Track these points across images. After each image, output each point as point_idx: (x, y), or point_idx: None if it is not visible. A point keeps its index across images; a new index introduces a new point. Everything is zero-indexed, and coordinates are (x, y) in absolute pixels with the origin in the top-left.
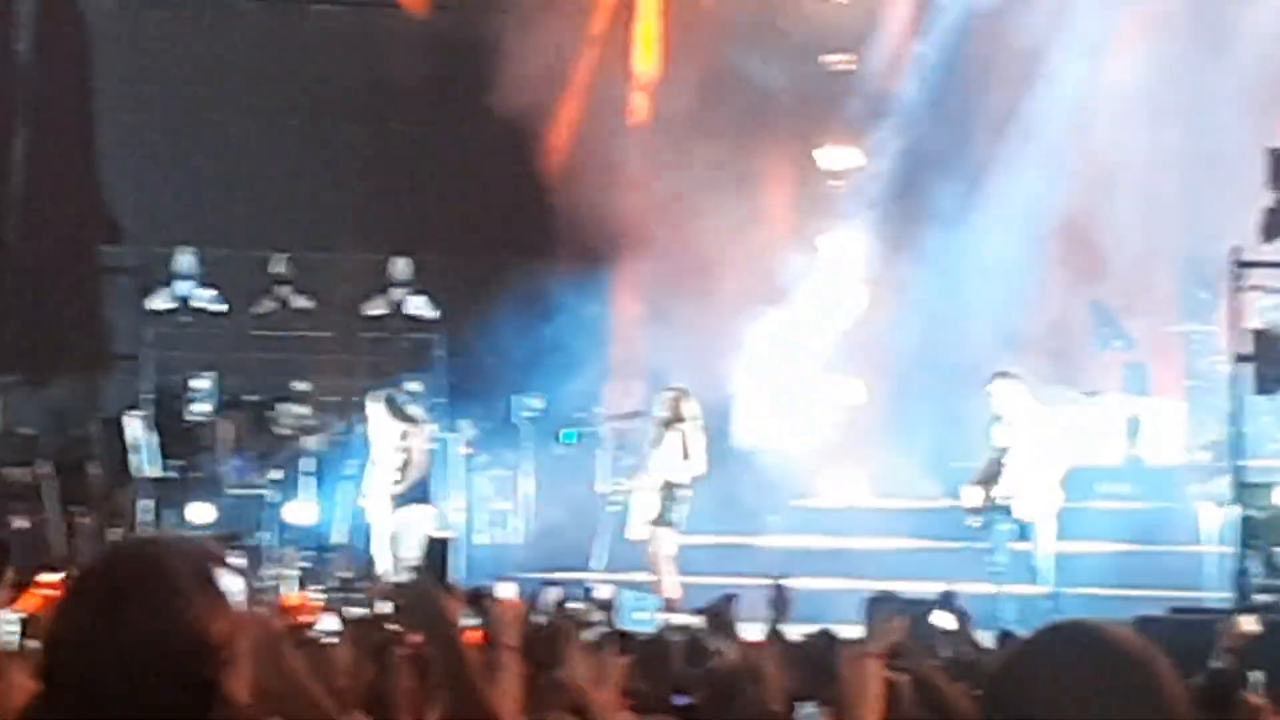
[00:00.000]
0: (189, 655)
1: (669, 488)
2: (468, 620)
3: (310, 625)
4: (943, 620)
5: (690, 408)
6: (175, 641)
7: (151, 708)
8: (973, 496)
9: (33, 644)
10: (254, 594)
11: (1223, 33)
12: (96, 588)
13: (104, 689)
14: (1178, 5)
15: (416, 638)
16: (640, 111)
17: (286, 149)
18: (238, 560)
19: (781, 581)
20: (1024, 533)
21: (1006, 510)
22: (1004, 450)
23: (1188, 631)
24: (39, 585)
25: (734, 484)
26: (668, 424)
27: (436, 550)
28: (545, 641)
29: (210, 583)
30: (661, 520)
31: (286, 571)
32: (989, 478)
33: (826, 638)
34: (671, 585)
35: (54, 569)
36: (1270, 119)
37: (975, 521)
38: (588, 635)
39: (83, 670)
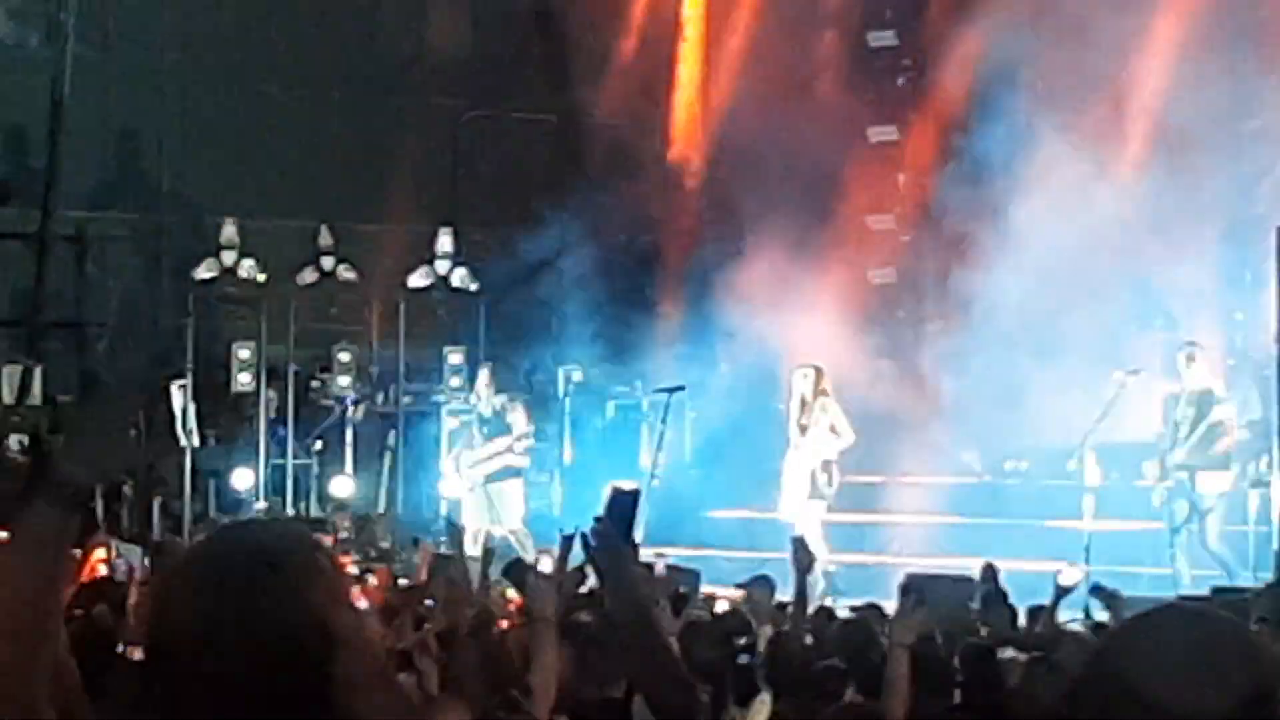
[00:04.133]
0: (310, 641)
1: (821, 464)
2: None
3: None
4: (1069, 578)
5: (828, 382)
6: (297, 628)
7: (271, 697)
8: (1153, 471)
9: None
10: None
11: (1265, 9)
12: (212, 569)
13: (218, 674)
14: None
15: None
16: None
17: (330, 120)
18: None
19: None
20: (1197, 511)
21: (1185, 486)
22: (1188, 423)
23: (1228, 610)
24: (86, 554)
25: (774, 458)
26: (806, 401)
27: (624, 502)
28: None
29: (323, 567)
30: (813, 495)
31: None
32: (1170, 451)
33: (875, 612)
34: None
35: (96, 537)
36: None
37: (1157, 498)
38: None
39: (196, 654)
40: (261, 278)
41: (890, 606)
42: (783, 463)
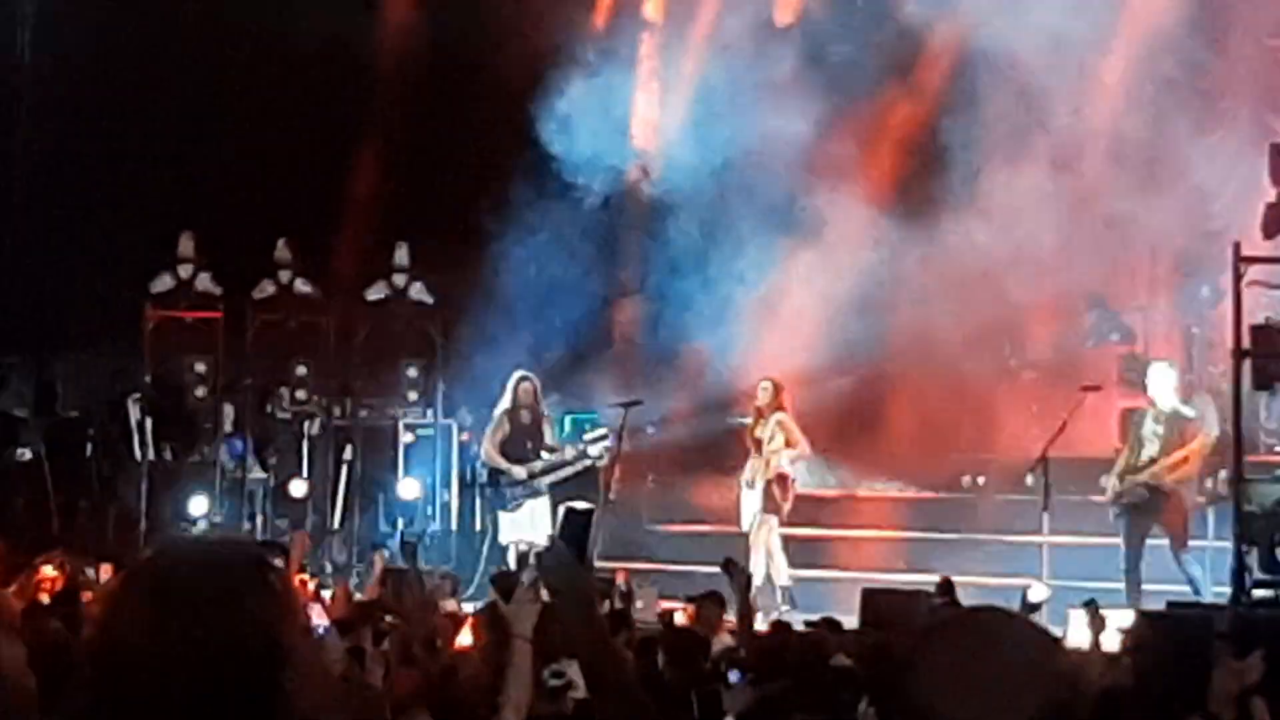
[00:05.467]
0: (256, 657)
1: (776, 477)
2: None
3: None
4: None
5: (786, 396)
6: (243, 643)
7: (218, 713)
8: (1112, 486)
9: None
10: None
11: (1222, 26)
12: (156, 586)
13: (165, 692)
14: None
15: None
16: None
17: (288, 132)
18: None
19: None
20: (1164, 527)
21: (1148, 502)
22: (1149, 440)
23: (1185, 626)
24: (38, 569)
25: (728, 473)
26: (761, 413)
27: (578, 523)
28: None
29: (271, 583)
30: (767, 509)
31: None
32: (1135, 467)
33: (832, 626)
34: (780, 571)
35: (51, 552)
36: (1272, 112)
37: (1113, 513)
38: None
39: (143, 672)
40: (218, 290)
41: (849, 622)
42: (740, 476)
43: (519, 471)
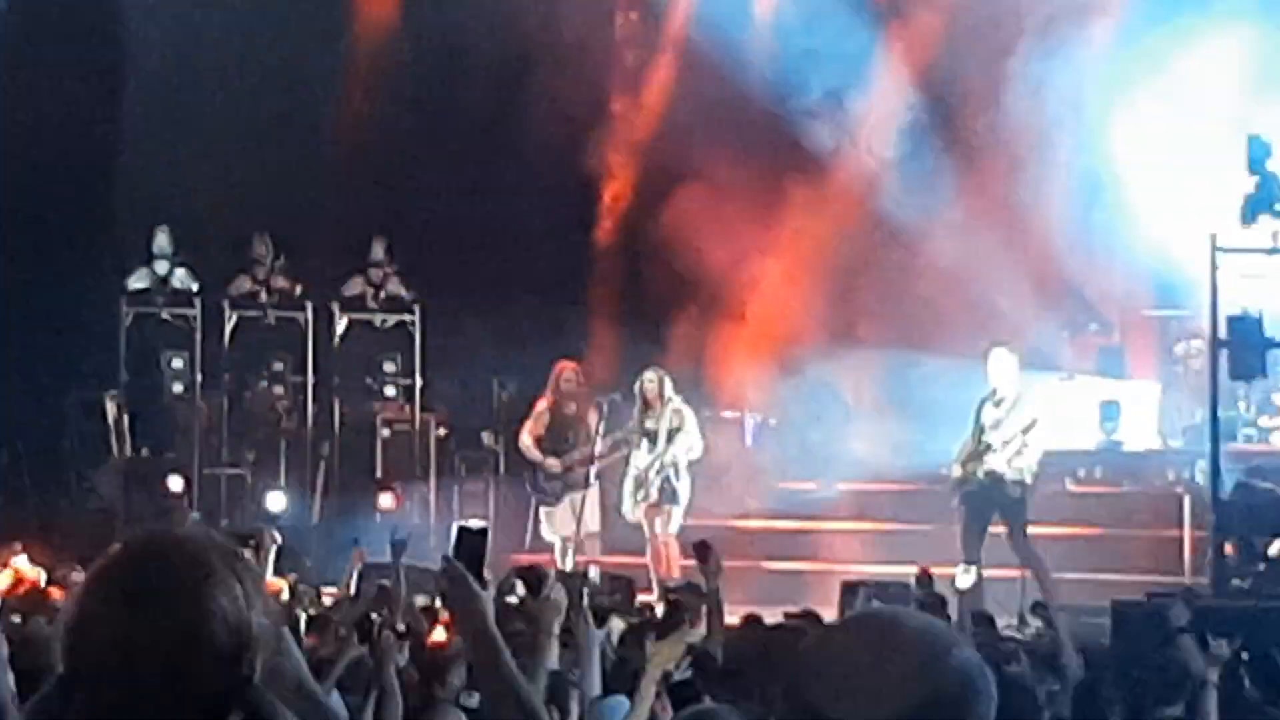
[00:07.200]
0: (227, 647)
1: (673, 468)
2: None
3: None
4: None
5: (670, 387)
6: (214, 634)
7: (186, 702)
8: (954, 474)
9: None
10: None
11: (1197, 14)
12: (127, 578)
13: (137, 682)
14: None
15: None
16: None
17: (264, 127)
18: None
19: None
20: (1004, 513)
21: (988, 488)
22: (995, 425)
23: (1163, 616)
24: (10, 564)
25: (715, 466)
26: (651, 406)
27: (473, 542)
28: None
29: (242, 574)
30: (668, 500)
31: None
32: (977, 453)
33: (812, 619)
34: (672, 566)
35: (26, 548)
36: (1249, 102)
37: (955, 500)
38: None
39: (115, 663)
40: (195, 286)
41: (828, 614)
42: (637, 468)
43: (553, 464)
